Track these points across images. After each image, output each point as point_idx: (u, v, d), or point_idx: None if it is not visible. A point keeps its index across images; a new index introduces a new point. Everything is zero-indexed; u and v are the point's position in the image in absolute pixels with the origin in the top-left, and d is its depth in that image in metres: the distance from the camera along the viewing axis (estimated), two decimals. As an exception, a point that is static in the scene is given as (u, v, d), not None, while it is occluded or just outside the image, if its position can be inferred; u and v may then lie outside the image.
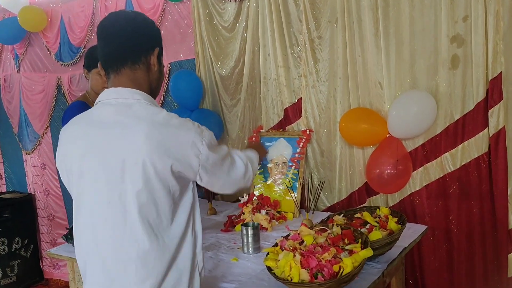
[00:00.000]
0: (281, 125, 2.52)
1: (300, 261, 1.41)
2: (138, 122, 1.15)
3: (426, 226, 2.04)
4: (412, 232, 1.98)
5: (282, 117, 2.51)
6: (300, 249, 1.48)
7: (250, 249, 1.83)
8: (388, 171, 2.02)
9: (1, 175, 4.47)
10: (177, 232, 1.20)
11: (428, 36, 2.04)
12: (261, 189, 2.44)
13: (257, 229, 1.86)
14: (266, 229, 2.10)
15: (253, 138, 2.54)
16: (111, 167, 1.15)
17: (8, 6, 3.54)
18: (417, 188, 2.15)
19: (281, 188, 2.37)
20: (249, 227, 1.84)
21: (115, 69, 1.25)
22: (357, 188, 2.33)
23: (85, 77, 2.26)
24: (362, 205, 2.30)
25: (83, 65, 2.23)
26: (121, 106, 1.21)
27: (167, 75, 2.92)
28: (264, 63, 2.52)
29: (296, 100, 2.45)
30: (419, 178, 2.14)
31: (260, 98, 2.58)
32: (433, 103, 1.98)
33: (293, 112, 2.47)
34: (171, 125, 1.16)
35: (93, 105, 2.03)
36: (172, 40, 2.94)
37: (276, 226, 2.17)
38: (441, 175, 2.09)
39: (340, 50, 2.27)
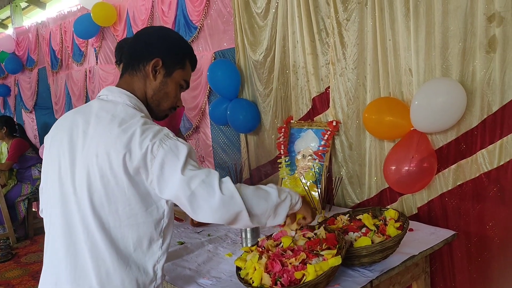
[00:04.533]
0: (310, 116, 2.40)
1: (266, 264, 1.34)
2: (111, 120, 1.19)
3: (454, 232, 1.80)
4: (435, 237, 1.77)
5: (310, 107, 2.38)
6: (270, 251, 1.41)
7: (248, 244, 1.80)
8: (406, 168, 1.81)
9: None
10: None
11: (462, 14, 1.76)
12: (288, 182, 2.37)
13: (256, 224, 1.81)
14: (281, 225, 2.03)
15: (282, 129, 2.46)
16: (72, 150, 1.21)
17: (84, 3, 3.88)
18: (450, 188, 1.90)
19: (304, 182, 2.28)
20: (248, 223, 1.80)
21: (122, 72, 1.33)
22: (388, 186, 2.13)
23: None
24: (379, 206, 2.11)
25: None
26: (109, 103, 1.26)
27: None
28: (293, 50, 2.41)
29: (324, 90, 2.31)
30: (452, 177, 1.89)
31: (290, 87, 2.48)
32: (462, 93, 1.71)
33: (321, 102, 2.33)
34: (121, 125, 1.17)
35: None
36: (216, 29, 2.96)
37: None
38: (477, 175, 1.82)
39: (370, 33, 2.07)
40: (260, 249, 1.44)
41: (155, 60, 1.28)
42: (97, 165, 1.14)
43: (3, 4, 6.45)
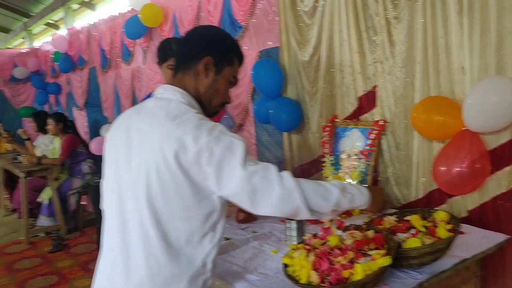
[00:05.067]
0: (355, 115, 2.38)
1: (314, 262, 1.35)
2: (165, 116, 1.23)
3: (508, 237, 1.74)
4: (487, 241, 1.71)
5: (356, 106, 2.36)
6: (318, 249, 1.42)
7: (294, 242, 1.81)
8: (457, 169, 1.76)
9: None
10: None
11: (519, 10, 1.70)
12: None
13: (301, 222, 1.82)
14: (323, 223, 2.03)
15: (327, 128, 2.45)
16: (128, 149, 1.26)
17: (133, 4, 4.01)
18: (503, 191, 1.83)
19: (349, 181, 2.26)
20: (293, 220, 1.81)
21: (174, 71, 1.38)
22: (437, 187, 2.08)
23: None
24: (428, 207, 2.06)
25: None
26: (163, 100, 1.31)
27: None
28: (340, 49, 2.40)
29: (371, 88, 2.28)
30: (506, 180, 1.82)
31: (336, 86, 2.46)
32: (519, 92, 1.65)
33: (368, 101, 2.30)
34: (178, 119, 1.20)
35: None
36: (261, 28, 2.99)
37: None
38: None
39: (420, 31, 2.03)
40: (308, 247, 1.45)
41: (206, 58, 1.32)
42: (152, 159, 1.18)
43: (56, 6, 6.78)
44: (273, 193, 1.17)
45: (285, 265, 1.43)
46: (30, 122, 7.29)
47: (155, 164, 1.18)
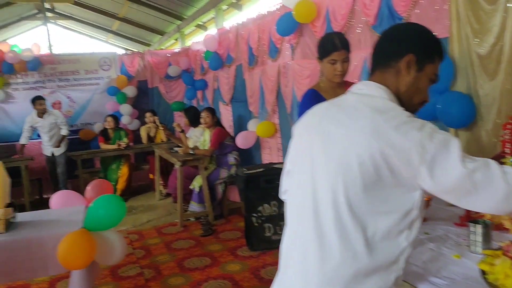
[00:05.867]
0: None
1: (522, 272, 1.22)
2: (371, 110, 1.21)
3: None
4: None
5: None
6: (524, 258, 1.27)
7: (478, 248, 1.66)
8: None
9: (279, 148, 5.28)
10: None
11: None
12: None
13: (488, 227, 1.66)
14: (508, 230, 1.84)
15: (508, 126, 2.20)
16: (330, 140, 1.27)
17: (286, 2, 4.12)
18: None
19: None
20: (479, 225, 1.67)
21: (372, 69, 1.37)
22: None
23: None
24: None
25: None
26: (365, 96, 1.30)
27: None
28: (529, 37, 2.13)
29: None
30: None
31: (521, 79, 2.20)
32: None
33: None
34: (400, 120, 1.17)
35: (325, 92, 2.23)
36: (426, 18, 2.81)
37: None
38: None
39: None
40: (510, 254, 1.32)
41: (408, 56, 1.27)
42: (356, 153, 1.17)
43: (207, 9, 7.31)
44: (497, 190, 1.10)
45: (483, 272, 1.31)
46: (181, 116, 8.08)
47: (358, 158, 1.17)
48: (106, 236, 2.72)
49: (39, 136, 6.69)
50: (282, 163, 4.69)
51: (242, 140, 5.52)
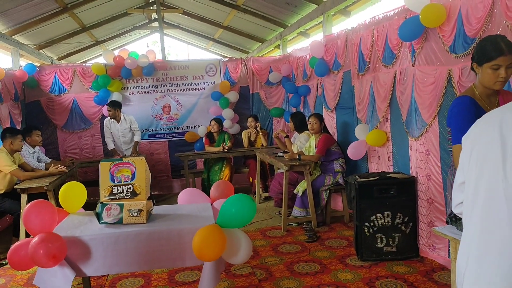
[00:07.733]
0: None
1: None
2: None
3: None
4: None
5: None
6: None
7: None
8: None
9: (390, 157, 5.10)
10: None
11: None
12: None
13: None
14: None
15: None
16: None
17: (411, 6, 3.97)
18: None
19: None
20: None
21: None
22: None
23: (471, 69, 2.27)
24: None
25: (472, 58, 2.25)
26: None
27: None
28: None
29: None
30: None
31: None
32: None
33: None
34: None
35: (479, 99, 2.12)
36: None
37: None
38: None
39: None
40: None
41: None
42: None
43: (314, 16, 7.32)
44: None
45: None
46: (277, 122, 8.20)
47: None
48: (236, 234, 2.80)
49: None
50: (396, 172, 4.53)
51: (353, 151, 5.38)
